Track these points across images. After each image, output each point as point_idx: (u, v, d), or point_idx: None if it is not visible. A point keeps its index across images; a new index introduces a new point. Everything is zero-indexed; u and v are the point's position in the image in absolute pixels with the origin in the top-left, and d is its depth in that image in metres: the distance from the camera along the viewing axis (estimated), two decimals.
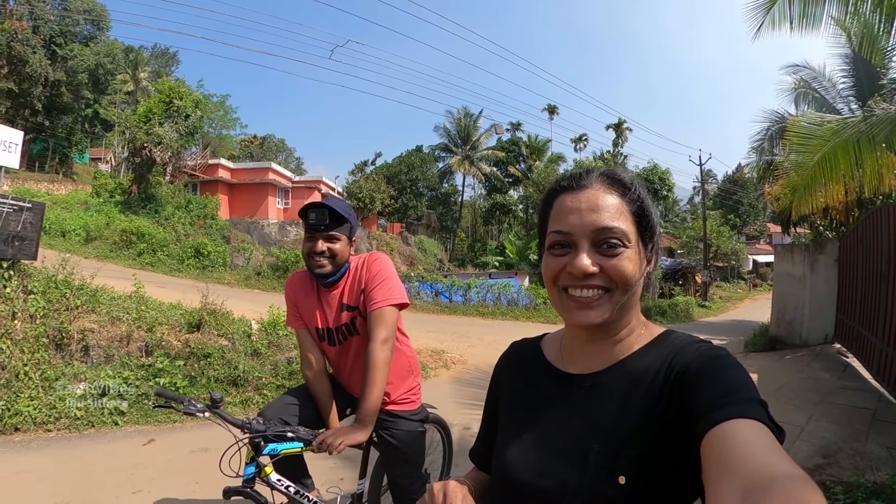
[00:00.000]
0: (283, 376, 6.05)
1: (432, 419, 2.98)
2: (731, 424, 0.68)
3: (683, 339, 0.91)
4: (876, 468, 4.14)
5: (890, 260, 6.11)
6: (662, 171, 37.42)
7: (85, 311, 5.80)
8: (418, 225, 42.67)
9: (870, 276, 7.04)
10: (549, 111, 49.95)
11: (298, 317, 2.56)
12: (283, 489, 2.25)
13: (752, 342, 11.19)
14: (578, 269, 0.86)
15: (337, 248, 2.33)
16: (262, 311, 7.19)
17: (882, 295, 6.31)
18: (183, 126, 22.93)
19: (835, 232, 11.07)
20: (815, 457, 4.44)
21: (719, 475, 0.64)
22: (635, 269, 0.88)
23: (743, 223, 52.22)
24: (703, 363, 0.82)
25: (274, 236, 26.60)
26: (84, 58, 30.14)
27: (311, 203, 2.37)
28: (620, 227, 0.88)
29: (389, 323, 2.30)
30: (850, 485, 3.76)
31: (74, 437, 4.64)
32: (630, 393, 0.87)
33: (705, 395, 0.75)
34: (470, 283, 21.09)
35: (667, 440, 0.79)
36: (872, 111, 6.76)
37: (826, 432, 5.03)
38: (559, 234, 0.91)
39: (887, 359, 5.88)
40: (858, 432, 5.00)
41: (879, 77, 11.81)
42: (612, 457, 0.82)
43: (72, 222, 19.80)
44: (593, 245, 0.88)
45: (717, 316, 24.73)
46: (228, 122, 48.16)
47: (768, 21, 6.31)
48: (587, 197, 0.90)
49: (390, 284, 2.37)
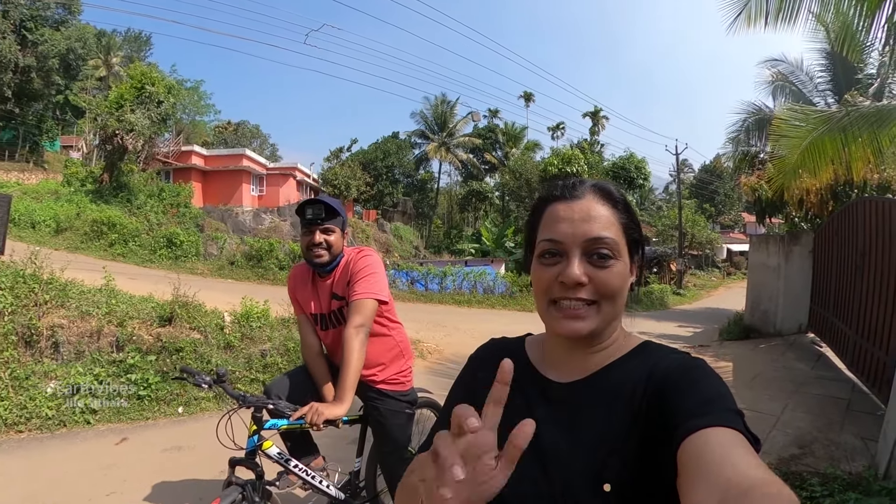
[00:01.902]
0: (257, 369, 5.95)
1: (424, 402, 3.15)
2: (708, 432, 0.69)
3: (662, 350, 0.93)
4: (851, 458, 4.21)
5: (864, 253, 6.22)
6: (639, 160, 37.69)
7: (54, 305, 5.62)
8: (394, 212, 42.52)
9: (844, 268, 7.18)
10: (525, 98, 49.98)
11: (298, 304, 2.81)
12: (282, 462, 2.49)
13: (726, 330, 11.40)
14: (570, 279, 0.86)
15: (332, 240, 2.58)
16: (236, 302, 7.06)
17: (856, 287, 6.42)
18: (155, 112, 22.44)
19: (810, 223, 11.26)
20: (791, 447, 4.50)
21: (696, 482, 0.65)
22: (623, 282, 0.90)
23: (718, 213, 53.04)
24: (681, 373, 0.83)
25: (248, 224, 26.32)
26: (55, 42, 29.15)
27: (307, 200, 2.61)
28: (612, 238, 0.89)
29: (365, 312, 2.52)
30: (825, 476, 3.81)
31: (46, 437, 4.51)
32: (612, 401, 0.87)
33: (683, 404, 0.77)
34: (446, 270, 21.07)
35: (649, 448, 0.79)
36: (853, 105, 6.82)
37: (801, 422, 5.11)
38: (551, 242, 0.91)
39: (861, 349, 6.00)
40: (833, 422, 5.09)
41: (856, 72, 11.99)
42: (596, 465, 0.82)
43: (42, 213, 19.32)
44: (584, 255, 0.88)
45: (691, 304, 25.13)
46: (202, 108, 47.22)
47: (745, 15, 6.29)
48: (580, 207, 0.91)
49: (374, 280, 2.59)
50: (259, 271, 19.38)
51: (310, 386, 2.68)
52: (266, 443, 2.42)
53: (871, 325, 5.74)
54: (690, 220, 34.02)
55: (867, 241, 6.19)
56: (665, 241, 34.12)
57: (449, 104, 44.97)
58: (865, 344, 5.85)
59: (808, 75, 13.74)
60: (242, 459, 2.37)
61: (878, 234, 5.83)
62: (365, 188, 38.51)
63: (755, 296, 10.76)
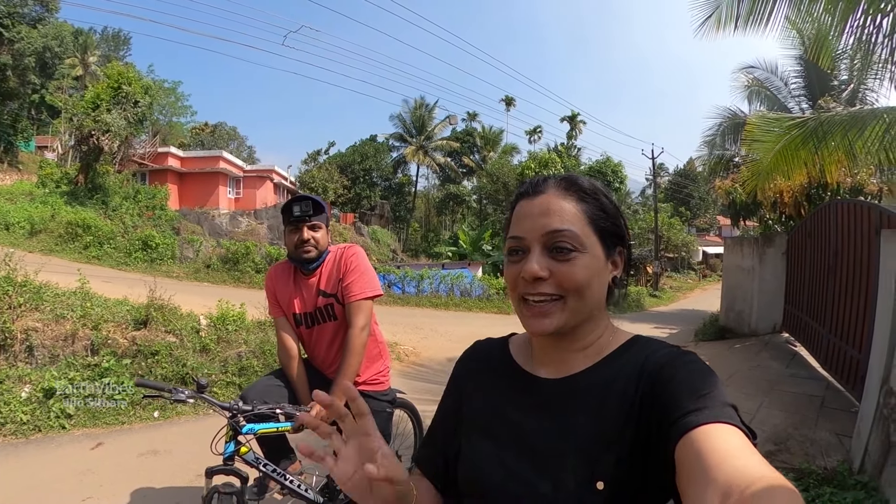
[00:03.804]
0: (233, 373, 5.90)
1: (400, 403, 3.19)
2: (706, 429, 0.68)
3: (653, 344, 0.91)
4: (826, 454, 4.30)
5: (837, 254, 6.35)
6: (615, 164, 38.07)
7: (28, 309, 5.53)
8: (372, 215, 42.27)
9: (817, 269, 7.32)
10: (506, 102, 50.22)
11: (277, 305, 2.77)
12: (260, 467, 2.47)
13: (702, 331, 11.54)
14: (527, 273, 0.86)
15: (318, 236, 2.61)
16: (212, 305, 7.01)
17: (829, 287, 6.56)
18: (132, 113, 21.99)
19: (783, 226, 11.46)
20: (767, 444, 4.57)
21: (697, 480, 0.64)
22: (590, 274, 0.87)
23: (693, 216, 53.73)
24: (674, 367, 0.82)
25: (225, 227, 25.95)
26: (31, 40, 28.39)
27: (294, 197, 2.64)
28: (571, 230, 0.86)
29: (367, 313, 2.60)
30: (801, 471, 3.89)
31: (21, 442, 4.43)
32: (604, 398, 0.85)
33: (678, 398, 0.75)
34: (423, 273, 21.04)
35: (642, 444, 0.79)
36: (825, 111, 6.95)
37: (776, 419, 5.20)
38: (514, 239, 0.91)
39: (834, 348, 6.12)
40: (808, 419, 5.19)
41: (831, 78, 12.26)
42: (590, 462, 0.81)
43: (16, 214, 18.85)
44: (546, 249, 0.87)
45: (667, 306, 25.42)
46: (179, 110, 46.64)
47: (715, 18, 6.30)
48: (540, 202, 0.90)
49: (367, 278, 2.65)
50: (235, 274, 19.19)
51: (287, 390, 2.66)
52: (243, 448, 2.40)
53: (844, 323, 5.86)
54: (666, 223, 34.47)
55: (840, 242, 6.32)
56: (641, 244, 34.47)
57: (427, 107, 44.93)
58: (838, 342, 5.97)
59: (783, 81, 14.05)
60: (220, 468, 2.33)
61: (851, 236, 5.95)
62: (342, 191, 38.34)
63: (730, 297, 10.92)
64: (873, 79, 9.39)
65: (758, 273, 10.08)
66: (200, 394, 2.33)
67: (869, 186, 10.24)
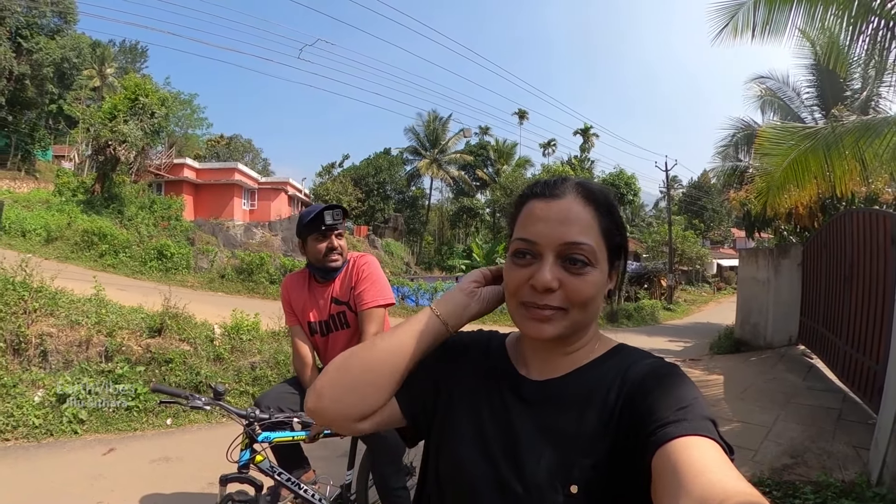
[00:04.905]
0: (247, 382, 5.92)
1: None
2: (683, 441, 0.68)
3: (636, 354, 0.91)
4: (843, 467, 4.22)
5: (853, 264, 6.27)
6: (629, 177, 38.04)
7: (43, 314, 5.59)
8: (385, 228, 42.45)
9: (833, 280, 7.22)
10: (519, 116, 50.43)
11: (293, 314, 2.81)
12: (275, 475, 2.46)
13: (717, 344, 11.43)
14: (540, 283, 0.83)
15: (343, 244, 2.66)
16: (226, 314, 7.03)
17: (845, 298, 6.47)
18: (148, 124, 22.33)
19: (798, 237, 11.36)
20: (784, 457, 4.51)
21: (671, 492, 0.64)
22: (597, 291, 0.86)
23: (707, 228, 53.39)
24: (656, 378, 0.82)
25: (239, 238, 26.17)
26: (50, 51, 28.98)
27: (325, 206, 2.63)
28: (589, 245, 0.85)
29: (378, 321, 2.60)
30: (818, 484, 3.83)
31: (33, 446, 4.47)
32: (585, 403, 0.85)
33: (657, 410, 0.75)
34: (436, 286, 21.10)
35: (619, 451, 0.79)
36: (839, 120, 6.90)
37: (793, 432, 5.12)
38: (524, 241, 0.88)
39: (851, 360, 6.03)
40: (825, 432, 5.11)
41: (843, 88, 12.17)
42: (566, 466, 0.81)
43: (33, 222, 19.09)
44: (558, 259, 0.85)
45: (682, 319, 25.17)
46: (195, 122, 47.22)
47: (731, 27, 6.31)
48: (559, 207, 0.86)
49: (379, 286, 2.66)
50: (249, 285, 19.27)
51: (300, 398, 2.64)
52: (258, 456, 2.40)
53: (861, 335, 5.77)
54: (680, 235, 34.22)
55: (855, 252, 6.25)
56: (655, 257, 34.23)
57: (441, 120, 45.11)
58: (855, 354, 5.88)
59: (796, 91, 13.95)
60: (235, 475, 2.33)
61: (866, 245, 5.88)
62: (356, 204, 38.52)
63: (745, 309, 10.81)
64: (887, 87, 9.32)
65: (773, 285, 9.98)
66: (217, 401, 2.33)
67: (884, 196, 10.14)
